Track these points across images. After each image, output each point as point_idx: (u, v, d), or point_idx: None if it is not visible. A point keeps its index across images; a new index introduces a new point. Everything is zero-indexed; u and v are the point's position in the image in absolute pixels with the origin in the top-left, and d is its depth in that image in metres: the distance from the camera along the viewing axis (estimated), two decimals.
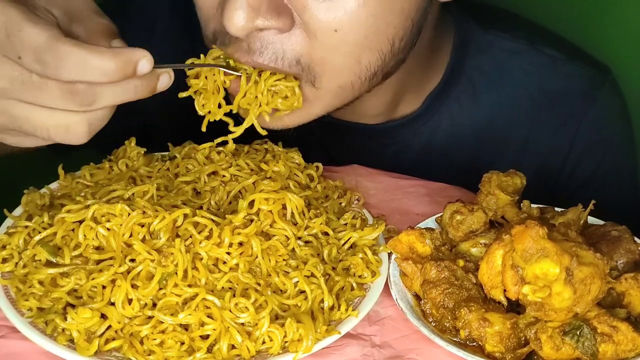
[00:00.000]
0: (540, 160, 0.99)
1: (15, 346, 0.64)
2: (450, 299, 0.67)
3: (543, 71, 0.97)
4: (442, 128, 0.98)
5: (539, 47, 0.98)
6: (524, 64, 0.97)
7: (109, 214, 0.67)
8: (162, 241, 0.66)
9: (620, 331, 0.62)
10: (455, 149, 0.99)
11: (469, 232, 0.73)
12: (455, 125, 0.98)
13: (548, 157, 0.99)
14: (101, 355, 0.62)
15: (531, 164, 0.98)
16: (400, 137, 0.98)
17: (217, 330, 0.63)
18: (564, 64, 0.98)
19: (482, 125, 0.98)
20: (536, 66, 0.97)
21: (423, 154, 0.99)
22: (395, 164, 0.97)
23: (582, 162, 1.00)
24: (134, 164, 0.79)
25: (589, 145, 0.99)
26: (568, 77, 0.98)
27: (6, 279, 0.67)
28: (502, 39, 0.97)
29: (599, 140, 0.99)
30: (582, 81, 0.98)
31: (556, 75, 0.98)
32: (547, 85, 0.97)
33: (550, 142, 0.98)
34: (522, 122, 0.98)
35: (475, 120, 0.98)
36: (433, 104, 0.96)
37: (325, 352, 0.65)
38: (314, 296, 0.67)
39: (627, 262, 0.70)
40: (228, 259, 0.67)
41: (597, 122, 0.99)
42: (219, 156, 0.80)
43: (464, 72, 0.96)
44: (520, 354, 0.64)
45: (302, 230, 0.72)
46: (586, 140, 0.98)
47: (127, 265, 0.65)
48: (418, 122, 0.97)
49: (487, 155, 0.99)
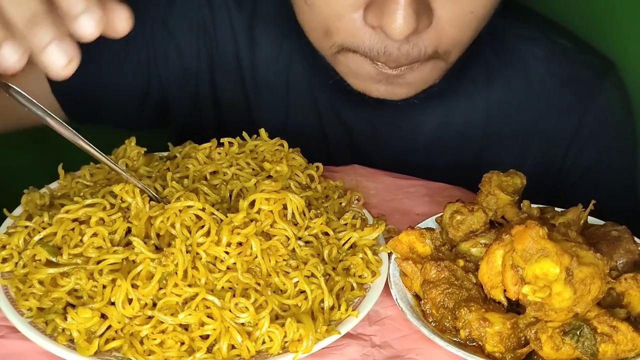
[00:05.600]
0: (547, 145, 1.01)
1: (15, 346, 0.64)
2: (450, 299, 0.67)
3: (554, 58, 1.00)
4: (458, 107, 1.00)
5: (550, 35, 1.01)
6: (536, 50, 1.00)
7: None
8: None
9: (620, 331, 0.62)
10: (469, 129, 1.01)
11: (469, 232, 0.73)
12: (470, 105, 1.00)
13: (554, 142, 1.01)
14: (101, 355, 0.62)
15: (539, 148, 1.01)
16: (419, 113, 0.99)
17: (217, 330, 0.63)
18: (574, 53, 1.01)
19: (494, 107, 1.00)
20: (547, 53, 1.00)
21: (438, 132, 1.01)
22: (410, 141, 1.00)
23: (586, 148, 1.01)
24: (134, 164, 0.79)
25: (594, 132, 1.01)
26: (578, 64, 1.00)
27: (6, 279, 0.67)
28: (516, 25, 1.00)
29: (604, 127, 1.01)
30: (591, 69, 1.01)
31: (566, 63, 1.00)
32: (557, 71, 1.00)
33: (557, 126, 1.00)
34: (531, 105, 1.00)
35: (488, 101, 1.00)
36: (452, 82, 0.97)
37: (325, 352, 0.65)
38: (314, 296, 0.67)
39: (627, 262, 0.70)
40: (225, 257, 0.67)
41: (603, 109, 1.01)
42: (220, 155, 0.80)
43: (481, 54, 0.98)
44: (520, 354, 0.64)
45: (303, 230, 0.72)
46: (592, 126, 1.00)
47: (122, 252, 0.65)
48: (437, 99, 0.98)
49: (497, 137, 1.01)
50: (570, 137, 1.01)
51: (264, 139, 0.83)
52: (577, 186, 1.01)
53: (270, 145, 0.82)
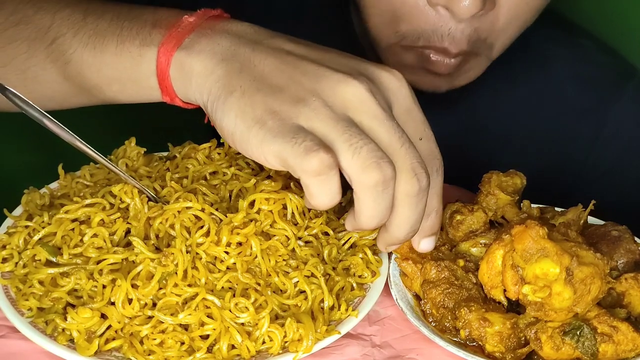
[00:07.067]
0: (567, 144, 1.01)
1: (15, 346, 0.64)
2: (450, 299, 0.67)
3: (577, 58, 1.01)
4: (482, 103, 1.00)
5: (573, 36, 1.03)
6: (559, 50, 1.01)
7: None
8: None
9: (620, 331, 0.62)
10: (492, 125, 1.01)
11: (469, 232, 0.73)
12: (494, 101, 1.01)
13: (574, 142, 1.01)
14: (101, 355, 0.62)
15: (559, 147, 1.01)
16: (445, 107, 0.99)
17: (217, 330, 0.63)
18: (597, 54, 1.02)
19: (517, 104, 1.01)
20: (571, 53, 1.01)
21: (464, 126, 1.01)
22: None
23: (606, 150, 1.01)
24: (134, 164, 0.79)
25: (616, 132, 1.01)
26: (601, 66, 1.01)
27: (6, 278, 0.67)
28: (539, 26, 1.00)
29: (625, 129, 1.01)
30: (614, 71, 1.01)
31: (590, 64, 1.01)
32: (580, 72, 1.00)
33: (578, 126, 1.01)
34: (553, 104, 1.00)
35: (511, 98, 1.01)
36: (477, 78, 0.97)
37: (325, 352, 0.65)
38: (314, 296, 0.67)
39: (627, 262, 0.70)
40: (225, 257, 0.67)
41: (625, 111, 1.01)
42: (220, 155, 0.80)
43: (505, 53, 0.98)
44: (520, 354, 0.64)
45: (303, 230, 0.72)
46: (613, 128, 1.01)
47: (122, 252, 0.65)
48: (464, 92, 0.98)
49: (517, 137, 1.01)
50: (591, 137, 1.01)
51: None
52: (595, 187, 1.01)
53: None
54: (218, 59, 0.64)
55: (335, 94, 0.61)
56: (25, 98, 0.66)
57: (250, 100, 0.61)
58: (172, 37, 0.66)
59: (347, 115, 0.60)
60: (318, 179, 0.59)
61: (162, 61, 0.66)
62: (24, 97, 0.66)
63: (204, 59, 0.64)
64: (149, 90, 0.69)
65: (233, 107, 0.62)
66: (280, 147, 0.59)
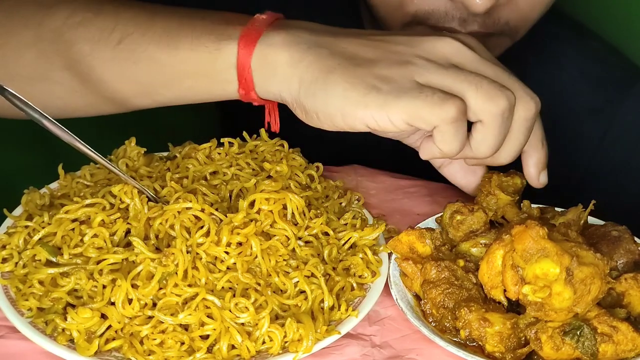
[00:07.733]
0: (575, 143, 1.01)
1: (15, 346, 0.64)
2: (450, 299, 0.67)
3: (586, 58, 1.01)
4: None
5: (582, 37, 1.03)
6: (568, 49, 1.01)
7: None
8: None
9: (620, 331, 0.62)
10: None
11: (469, 232, 0.73)
12: None
13: (582, 141, 1.01)
14: (101, 355, 0.62)
15: (565, 147, 1.00)
16: None
17: (217, 330, 0.63)
18: (606, 55, 1.02)
19: None
20: (580, 53, 1.01)
21: None
22: None
23: (614, 149, 1.01)
24: (134, 164, 0.79)
25: (623, 133, 1.01)
26: (609, 66, 1.02)
27: (6, 279, 0.67)
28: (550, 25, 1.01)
29: (633, 128, 1.01)
30: (622, 72, 1.02)
31: (598, 63, 1.01)
32: (589, 71, 1.01)
33: (586, 125, 1.01)
34: (562, 103, 1.01)
35: None
36: None
37: (325, 352, 0.65)
38: (314, 296, 0.67)
39: (627, 262, 0.70)
40: (226, 257, 0.67)
41: (633, 110, 1.01)
42: (220, 155, 0.80)
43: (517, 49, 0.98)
44: (520, 354, 0.64)
45: (303, 230, 0.72)
46: (621, 127, 1.00)
47: (122, 252, 0.66)
48: None
49: None
50: (599, 136, 1.01)
51: (264, 139, 0.83)
52: (602, 186, 1.01)
53: (270, 146, 0.82)
54: (304, 47, 0.66)
55: (435, 51, 0.65)
56: (24, 99, 0.66)
57: (354, 73, 0.64)
58: (251, 31, 0.67)
59: (452, 64, 0.65)
60: (454, 125, 0.63)
61: (243, 54, 0.67)
62: (23, 98, 0.66)
63: (289, 49, 0.66)
64: (223, 85, 0.70)
65: (338, 81, 0.64)
66: (409, 103, 0.62)
